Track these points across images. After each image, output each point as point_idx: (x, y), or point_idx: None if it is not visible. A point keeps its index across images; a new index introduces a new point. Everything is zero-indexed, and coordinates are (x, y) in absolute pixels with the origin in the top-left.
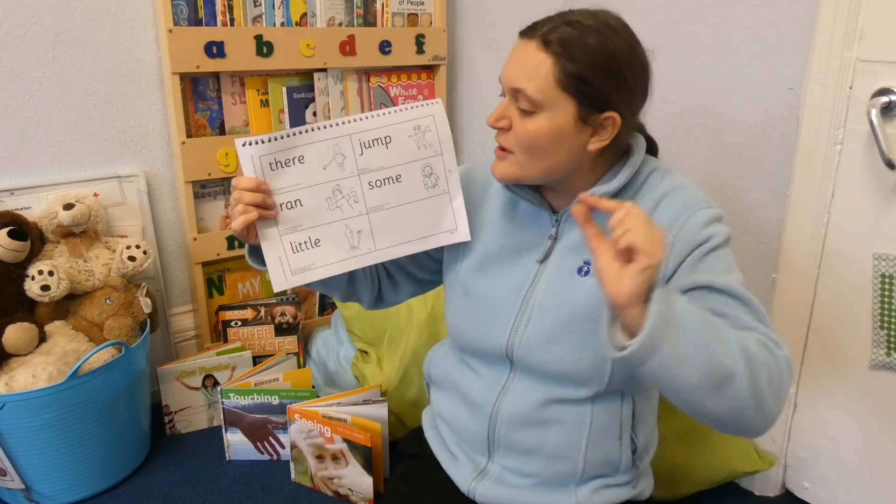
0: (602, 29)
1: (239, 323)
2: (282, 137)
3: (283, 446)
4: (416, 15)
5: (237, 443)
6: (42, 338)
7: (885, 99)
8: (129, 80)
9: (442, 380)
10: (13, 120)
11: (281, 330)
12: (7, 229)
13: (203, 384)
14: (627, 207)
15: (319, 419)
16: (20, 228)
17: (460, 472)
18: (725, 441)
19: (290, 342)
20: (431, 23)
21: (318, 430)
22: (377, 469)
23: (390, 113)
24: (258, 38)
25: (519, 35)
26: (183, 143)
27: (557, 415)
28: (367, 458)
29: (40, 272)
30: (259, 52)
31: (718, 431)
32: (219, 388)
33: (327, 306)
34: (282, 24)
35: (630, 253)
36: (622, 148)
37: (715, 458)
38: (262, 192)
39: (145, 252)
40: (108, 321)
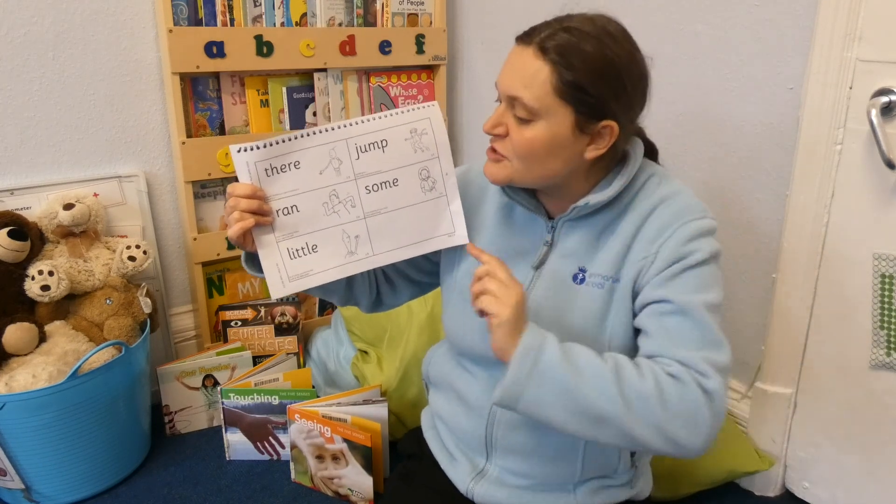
0: (600, 36)
1: (239, 323)
2: (277, 143)
3: (283, 446)
4: (416, 15)
5: (237, 443)
6: (42, 338)
7: (885, 99)
8: (129, 80)
9: (440, 381)
10: (13, 120)
11: (281, 330)
12: (7, 229)
13: (203, 384)
14: (489, 267)
15: (319, 419)
16: (20, 228)
17: (459, 473)
18: (725, 441)
19: (290, 342)
20: (431, 23)
21: (318, 430)
22: (377, 469)
23: (386, 116)
24: (258, 38)
25: (515, 40)
26: (183, 144)
27: None
28: (367, 458)
29: (40, 272)
30: (259, 52)
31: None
32: (219, 388)
33: (327, 306)
34: (282, 24)
35: (483, 313)
36: (619, 155)
37: (715, 458)
38: (258, 199)
39: (145, 252)
40: (108, 321)
